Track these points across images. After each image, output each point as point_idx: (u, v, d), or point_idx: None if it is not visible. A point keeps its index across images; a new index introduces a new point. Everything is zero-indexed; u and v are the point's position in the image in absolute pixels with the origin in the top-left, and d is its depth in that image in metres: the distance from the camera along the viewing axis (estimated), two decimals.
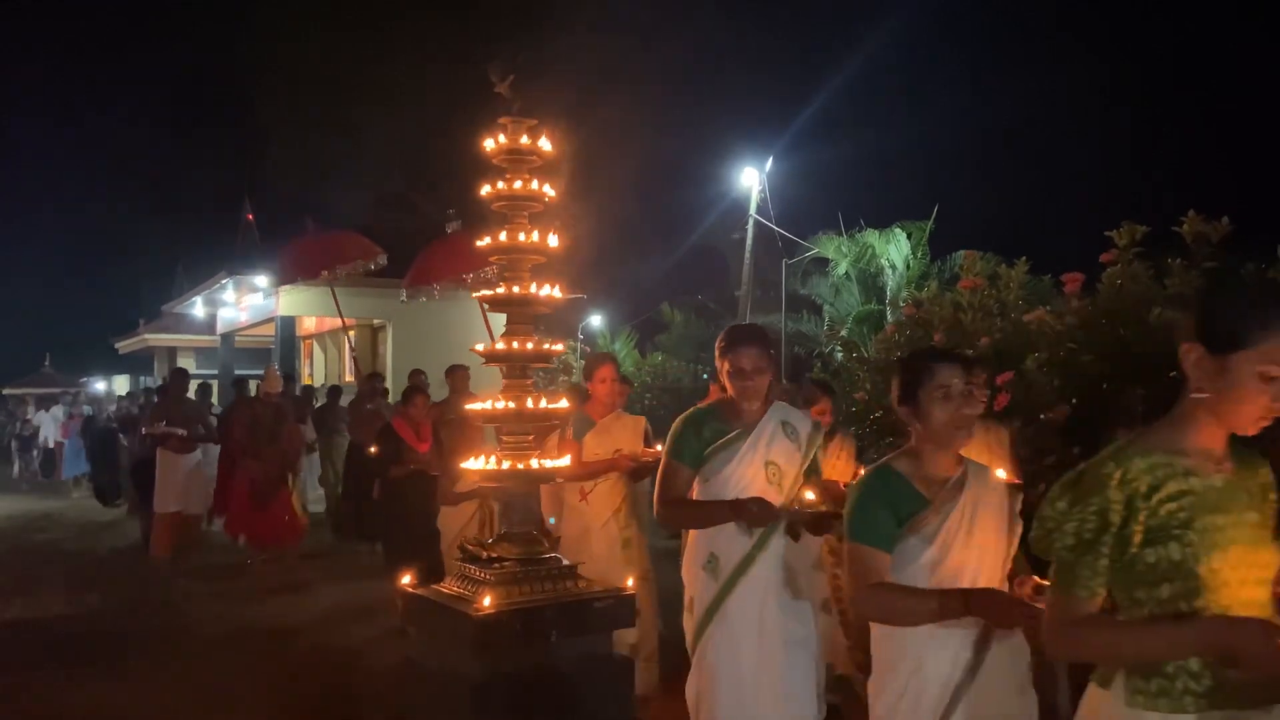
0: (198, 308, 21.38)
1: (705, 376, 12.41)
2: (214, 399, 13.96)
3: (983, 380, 3.32)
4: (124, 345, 27.01)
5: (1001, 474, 4.10)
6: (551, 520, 5.38)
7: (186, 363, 25.83)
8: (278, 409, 8.85)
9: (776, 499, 3.11)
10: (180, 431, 9.02)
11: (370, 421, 9.25)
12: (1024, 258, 6.15)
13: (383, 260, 10.51)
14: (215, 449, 9.43)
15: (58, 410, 18.66)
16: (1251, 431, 1.73)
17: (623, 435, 4.99)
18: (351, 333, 13.93)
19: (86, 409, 17.96)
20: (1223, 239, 4.93)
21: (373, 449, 7.30)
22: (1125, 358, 4.83)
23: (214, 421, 9.84)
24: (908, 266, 17.34)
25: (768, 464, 3.18)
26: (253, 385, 11.56)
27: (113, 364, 30.34)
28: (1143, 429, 1.81)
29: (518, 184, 4.11)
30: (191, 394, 10.12)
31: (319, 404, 12.62)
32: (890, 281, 17.50)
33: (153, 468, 9.25)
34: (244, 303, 19.56)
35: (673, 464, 3.25)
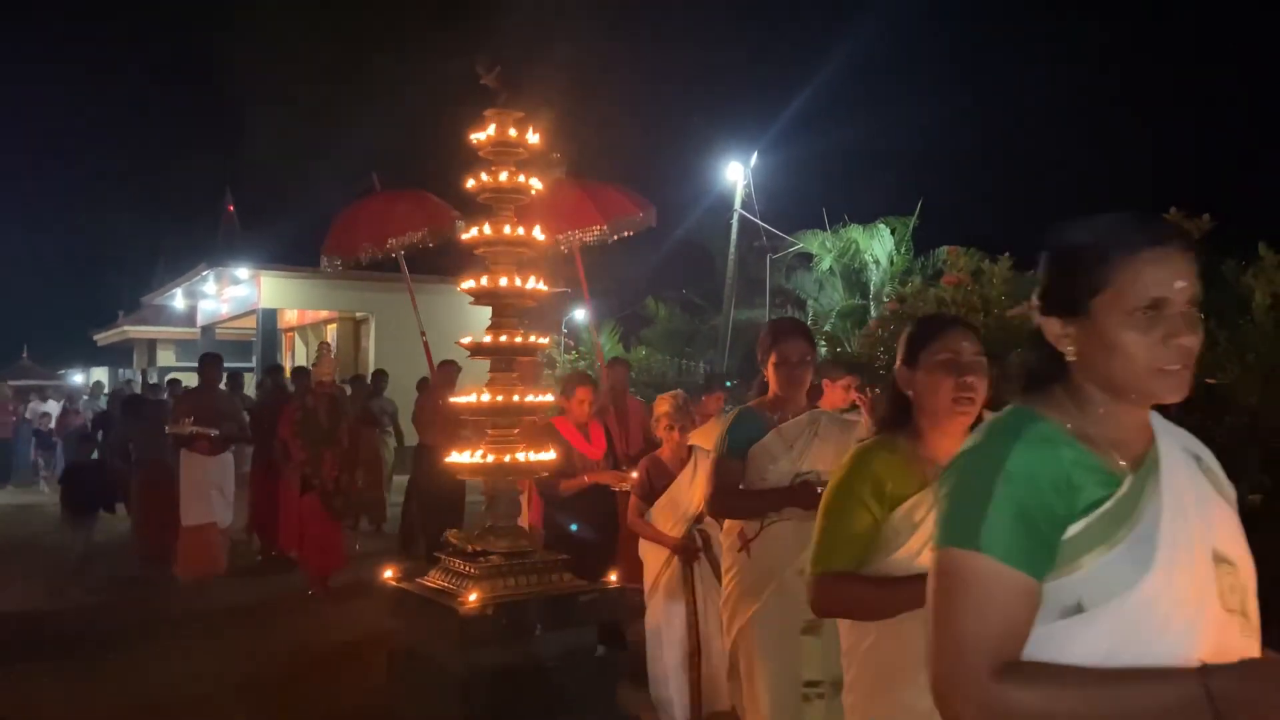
0: (178, 299, 21.24)
1: (729, 382, 10.18)
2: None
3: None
4: (103, 337, 26.76)
5: None
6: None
7: (166, 355, 25.60)
8: (333, 402, 7.44)
9: (1248, 647, 1.27)
10: (212, 431, 7.61)
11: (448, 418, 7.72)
12: (1007, 254, 6.19)
13: (463, 225, 8.58)
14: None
15: (53, 404, 17.65)
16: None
17: (823, 450, 2.98)
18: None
19: (104, 400, 16.57)
20: (1204, 235, 4.97)
21: None
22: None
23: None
24: (891, 262, 17.41)
25: (1218, 560, 1.27)
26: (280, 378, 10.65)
27: (92, 356, 30.09)
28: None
29: (503, 176, 4.09)
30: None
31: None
32: (874, 277, 17.58)
33: (93, 473, 8.10)
34: (225, 295, 19.44)
35: (991, 574, 1.20)
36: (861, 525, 1.97)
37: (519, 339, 4.08)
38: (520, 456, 4.07)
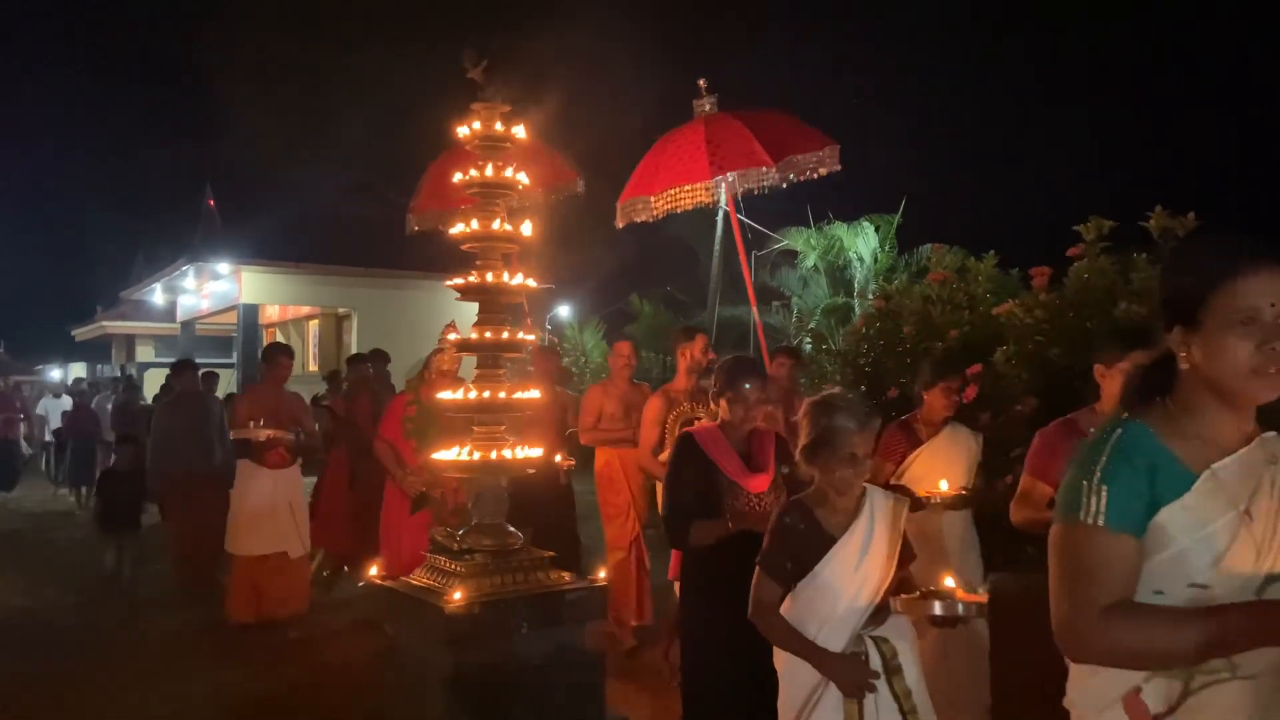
0: (157, 295, 21.05)
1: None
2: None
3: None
4: (81, 332, 26.51)
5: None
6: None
7: (145, 351, 25.38)
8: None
9: None
10: (288, 436, 6.24)
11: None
12: (992, 251, 6.22)
13: (580, 186, 7.01)
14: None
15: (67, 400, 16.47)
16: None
17: None
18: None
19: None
20: (1189, 234, 5.01)
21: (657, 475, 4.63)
22: (1091, 351, 4.89)
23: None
24: (875, 259, 17.48)
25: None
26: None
27: (69, 351, 29.81)
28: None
29: (490, 171, 4.06)
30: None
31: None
32: (858, 274, 17.64)
33: (132, 480, 7.45)
34: (205, 290, 19.29)
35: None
36: None
37: (506, 335, 4.05)
38: (507, 453, 4.04)
